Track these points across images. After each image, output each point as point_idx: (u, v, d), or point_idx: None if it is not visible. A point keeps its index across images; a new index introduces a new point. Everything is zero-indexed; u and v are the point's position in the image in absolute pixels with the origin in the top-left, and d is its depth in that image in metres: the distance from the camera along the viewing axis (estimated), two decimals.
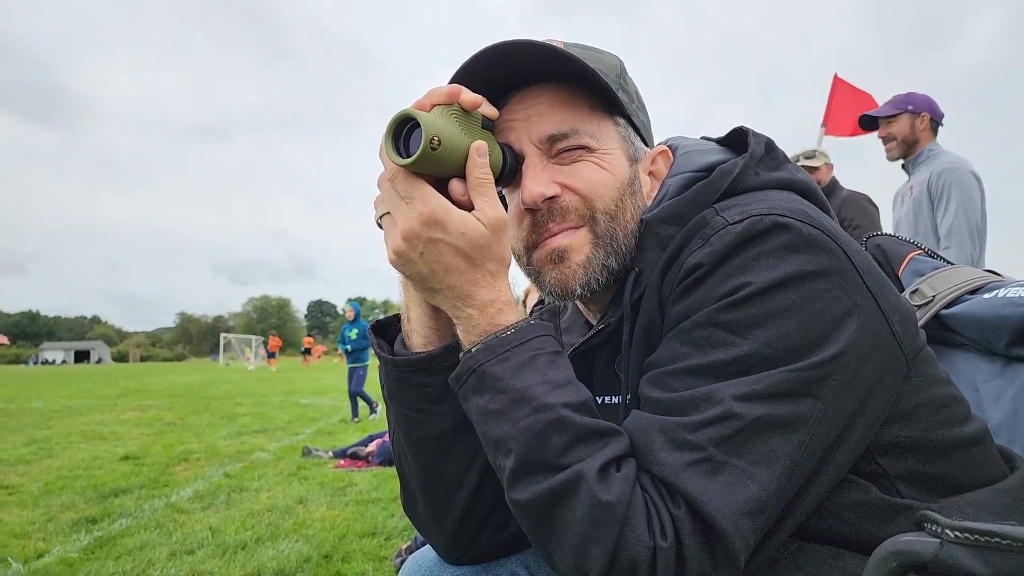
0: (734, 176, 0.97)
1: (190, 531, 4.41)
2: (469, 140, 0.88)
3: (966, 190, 3.76)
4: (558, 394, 0.82)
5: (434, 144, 0.81)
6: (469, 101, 0.88)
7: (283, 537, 4.26)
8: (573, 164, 0.99)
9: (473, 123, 0.90)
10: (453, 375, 0.89)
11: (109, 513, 4.89)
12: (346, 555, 3.89)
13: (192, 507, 5.07)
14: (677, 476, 0.76)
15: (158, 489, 5.72)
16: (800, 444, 0.78)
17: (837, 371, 0.80)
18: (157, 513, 4.88)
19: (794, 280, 0.81)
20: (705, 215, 0.92)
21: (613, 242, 0.98)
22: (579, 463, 0.77)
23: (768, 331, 0.79)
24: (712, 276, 0.84)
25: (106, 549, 4.05)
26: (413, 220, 0.83)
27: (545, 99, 1.00)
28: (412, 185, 0.84)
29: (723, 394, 0.78)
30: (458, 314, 0.88)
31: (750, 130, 1.06)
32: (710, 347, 0.81)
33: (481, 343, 0.86)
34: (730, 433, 0.77)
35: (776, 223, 0.84)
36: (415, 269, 0.86)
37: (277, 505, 5.08)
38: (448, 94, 0.87)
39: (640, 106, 1.09)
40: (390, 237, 0.86)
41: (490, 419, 0.83)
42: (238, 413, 11.92)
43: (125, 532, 4.40)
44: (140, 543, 4.15)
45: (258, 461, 7.00)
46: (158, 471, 6.50)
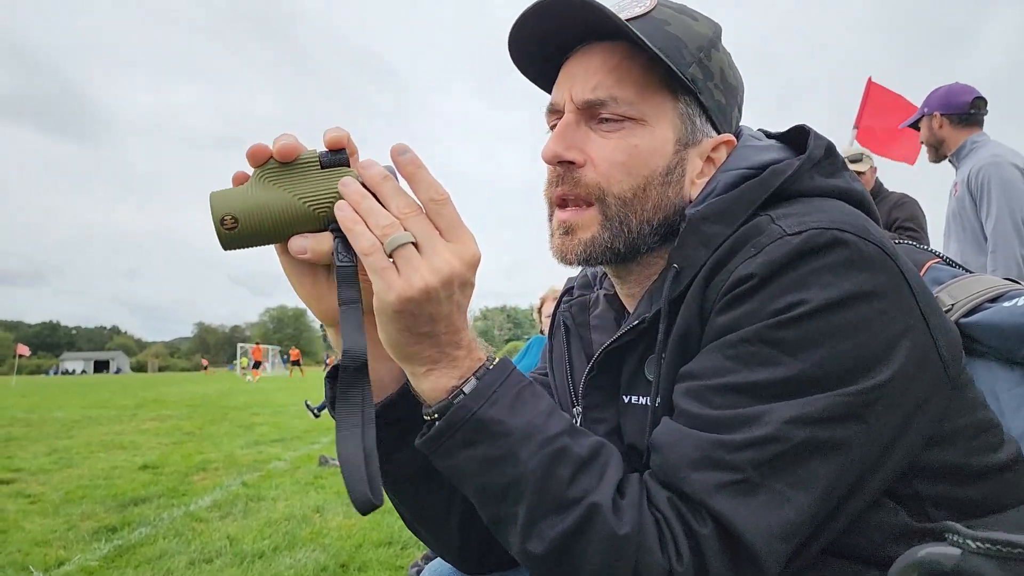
0: (786, 177, 0.92)
1: (208, 540, 4.43)
2: (292, 196, 0.77)
3: (1007, 184, 3.52)
4: (553, 423, 0.80)
5: (227, 224, 0.75)
6: (277, 152, 0.78)
7: (300, 546, 4.27)
8: (608, 135, 0.94)
9: (305, 172, 0.78)
10: (431, 435, 0.81)
11: (129, 522, 4.93)
12: (363, 564, 3.90)
13: (210, 516, 5.09)
14: (709, 496, 0.74)
15: (177, 498, 5.76)
16: (841, 467, 0.76)
17: (885, 395, 0.77)
18: (176, 522, 4.91)
19: (851, 300, 0.78)
20: (760, 222, 0.87)
21: (624, 226, 0.95)
22: (589, 495, 0.75)
23: (820, 352, 0.77)
24: (764, 289, 0.80)
25: (126, 558, 4.08)
26: (460, 261, 0.76)
27: (597, 60, 0.95)
28: (458, 219, 0.78)
29: (768, 416, 0.75)
30: (442, 359, 0.80)
31: (812, 130, 1.00)
32: (757, 364, 0.78)
33: (469, 386, 0.80)
34: (771, 456, 0.74)
35: (836, 238, 0.80)
36: (431, 311, 0.76)
37: (294, 514, 5.09)
38: (250, 156, 0.79)
39: (722, 85, 0.99)
40: (419, 269, 0.74)
41: (492, 467, 0.78)
42: (255, 423, 11.98)
43: (144, 541, 4.43)
44: (159, 552, 4.17)
45: (275, 470, 7.03)
46: (177, 480, 6.55)
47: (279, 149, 0.78)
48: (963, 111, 3.77)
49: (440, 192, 0.77)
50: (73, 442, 9.50)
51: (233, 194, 0.77)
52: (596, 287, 1.20)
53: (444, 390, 0.80)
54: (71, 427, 11.63)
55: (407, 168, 0.78)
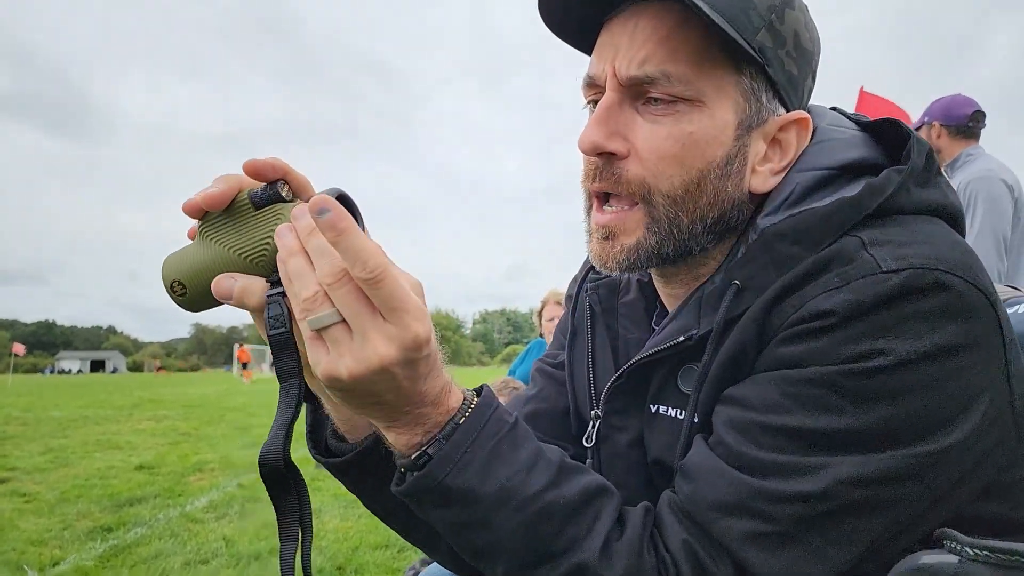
0: (885, 198, 0.78)
1: (204, 541, 4.44)
2: (229, 251, 0.69)
3: (993, 201, 3.55)
4: (534, 479, 0.72)
5: (177, 291, 0.71)
6: (204, 204, 0.68)
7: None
8: (656, 118, 0.80)
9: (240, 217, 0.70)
10: (400, 491, 0.74)
11: (124, 522, 4.93)
12: (359, 567, 3.91)
13: (206, 517, 5.10)
14: (737, 545, 0.69)
15: (173, 499, 5.76)
16: (886, 524, 0.70)
17: (951, 455, 0.70)
18: (172, 522, 4.92)
19: (940, 353, 0.69)
20: (849, 247, 0.74)
21: (673, 227, 0.83)
22: (575, 548, 0.70)
23: (893, 408, 0.68)
24: (843, 330, 0.70)
25: (121, 558, 4.09)
26: (398, 346, 0.63)
27: (646, 26, 0.80)
28: (399, 295, 0.62)
29: (820, 471, 0.68)
30: (401, 419, 0.69)
31: (912, 132, 0.84)
32: (817, 410, 0.70)
33: (433, 449, 0.70)
34: (815, 513, 0.68)
35: (939, 282, 0.69)
36: (368, 389, 0.65)
37: None
38: (187, 211, 0.70)
39: (795, 53, 0.83)
40: (347, 355, 0.63)
41: (464, 531, 0.73)
42: (252, 424, 11.96)
43: (140, 541, 4.44)
44: (155, 552, 4.18)
45: None
46: (173, 481, 6.55)
47: (205, 199, 0.68)
48: (962, 123, 3.79)
49: (371, 267, 0.61)
50: (69, 441, 9.49)
51: (180, 256, 0.72)
52: None
53: (407, 446, 0.71)
54: (67, 426, 11.61)
55: (327, 234, 0.62)
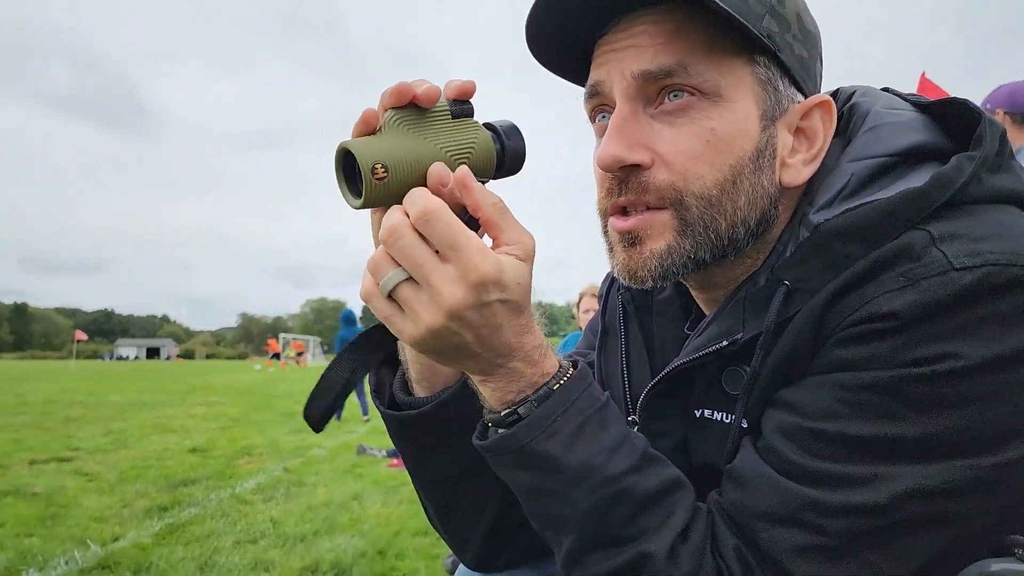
0: (956, 190, 0.70)
1: (253, 521, 4.60)
2: (432, 144, 0.69)
3: None
4: (617, 461, 0.69)
5: (379, 174, 0.65)
6: (420, 99, 0.67)
7: (340, 531, 4.40)
8: (674, 121, 0.75)
9: (438, 119, 0.70)
10: (484, 445, 0.73)
11: (179, 502, 5.14)
12: (400, 552, 3.99)
13: (255, 499, 5.28)
14: (786, 558, 0.65)
15: (223, 480, 5.97)
16: (948, 540, 0.65)
17: (1020, 468, 0.64)
18: (223, 503, 5.10)
19: (1015, 359, 0.62)
20: (915, 242, 0.67)
21: (710, 231, 0.76)
22: (644, 539, 0.68)
23: (959, 417, 0.62)
24: (908, 333, 0.64)
25: (176, 535, 4.26)
26: (463, 286, 0.61)
27: (649, 27, 0.75)
28: (454, 232, 0.61)
29: (880, 482, 0.63)
30: (495, 372, 0.69)
31: (984, 114, 0.75)
32: (877, 417, 0.64)
33: (525, 409, 0.69)
34: (873, 527, 0.63)
35: (1017, 279, 0.63)
36: (453, 342, 0.65)
37: (334, 500, 5.24)
38: (392, 98, 0.67)
39: (801, 35, 0.78)
40: (422, 311, 0.63)
41: (541, 497, 0.71)
42: (297, 410, 12.20)
43: (193, 520, 4.62)
44: (207, 531, 4.35)
45: (315, 457, 7.22)
46: (223, 463, 6.79)
47: (423, 93, 0.66)
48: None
49: (423, 206, 0.62)
50: (128, 424, 9.92)
51: (373, 143, 0.67)
52: None
53: (500, 402, 0.70)
54: (125, 410, 12.12)
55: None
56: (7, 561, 3.71)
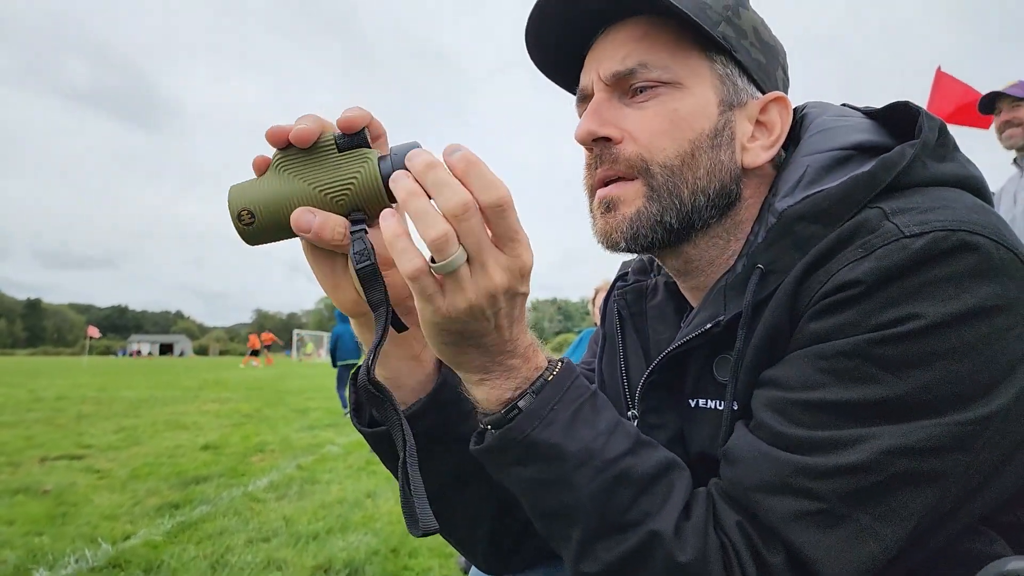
0: (899, 170, 0.79)
1: (265, 519, 4.56)
2: (307, 185, 0.71)
3: None
4: (614, 443, 0.73)
5: (245, 220, 0.71)
6: (293, 138, 0.70)
7: (353, 529, 4.35)
8: (643, 105, 0.87)
9: (320, 156, 0.72)
10: (484, 448, 0.76)
11: (190, 499, 5.10)
12: (413, 550, 3.94)
13: (267, 496, 5.24)
14: (785, 525, 0.68)
15: (235, 478, 5.93)
16: (936, 499, 0.69)
17: (998, 422, 0.68)
18: (235, 501, 5.06)
19: (973, 315, 0.68)
20: (870, 217, 0.75)
21: (674, 197, 0.85)
22: (649, 520, 0.71)
23: (931, 374, 0.67)
24: (871, 298, 0.70)
25: (188, 533, 4.23)
26: (510, 274, 0.67)
27: (622, 35, 0.88)
28: (517, 224, 0.67)
29: (862, 442, 0.68)
30: (495, 369, 0.74)
31: (922, 110, 0.85)
32: (853, 382, 0.69)
33: (524, 402, 0.73)
34: (861, 486, 0.67)
35: (964, 242, 0.69)
36: (478, 327, 0.69)
37: (347, 498, 5.19)
38: (269, 138, 0.71)
39: (757, 43, 0.91)
40: (468, 288, 0.66)
41: (543, 489, 0.74)
42: (310, 407, 12.27)
43: (205, 518, 4.58)
44: (219, 529, 4.31)
45: (329, 454, 7.18)
46: (236, 461, 6.75)
47: (295, 135, 0.69)
48: None
49: (502, 195, 0.65)
50: (140, 421, 9.92)
51: (250, 187, 0.72)
52: (654, 273, 1.10)
53: (498, 402, 0.75)
54: (138, 406, 12.14)
55: (459, 167, 0.65)
56: (17, 560, 3.69)
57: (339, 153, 0.72)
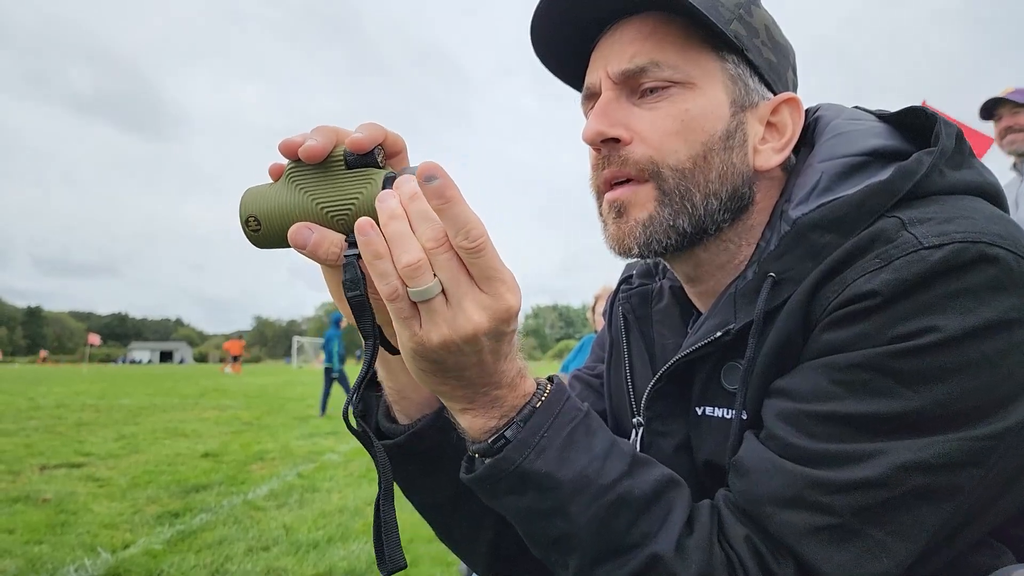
0: (917, 179, 0.77)
1: (265, 528, 4.54)
2: (309, 199, 0.71)
3: None
4: (610, 467, 0.71)
5: (252, 226, 0.72)
6: (307, 154, 0.68)
7: (353, 538, 4.33)
8: (653, 106, 0.84)
9: (331, 172, 0.71)
10: (474, 478, 0.73)
11: (190, 508, 5.09)
12: (414, 559, 3.92)
13: (267, 505, 5.23)
14: (797, 540, 0.67)
15: (236, 486, 5.93)
16: (949, 514, 0.67)
17: (1013, 438, 0.67)
18: (235, 509, 5.05)
19: (992, 329, 0.66)
20: (887, 227, 0.73)
21: (686, 201, 0.83)
22: (649, 542, 0.69)
23: (947, 388, 0.66)
24: (888, 310, 0.68)
25: (187, 542, 4.22)
26: (490, 315, 0.64)
27: (632, 30, 0.85)
28: (496, 264, 0.64)
29: (877, 456, 0.66)
30: (477, 399, 0.70)
31: (939, 115, 0.83)
32: (869, 395, 0.68)
33: (511, 432, 0.70)
34: (876, 502, 0.66)
35: (984, 254, 0.67)
36: (455, 361, 0.66)
37: (347, 506, 5.18)
38: (281, 149, 0.70)
39: (769, 42, 0.88)
40: (442, 325, 0.64)
41: (539, 519, 0.72)
42: (311, 415, 12.24)
43: (205, 527, 4.57)
44: (219, 538, 4.30)
45: (329, 462, 7.16)
46: (236, 469, 6.74)
47: (304, 152, 0.68)
48: None
49: (472, 237, 0.62)
50: (139, 428, 9.90)
51: (262, 193, 0.73)
52: (659, 276, 1.07)
53: (483, 431, 0.71)
54: (138, 414, 12.13)
55: (434, 201, 0.63)
56: (16, 569, 3.68)
57: (347, 170, 0.71)
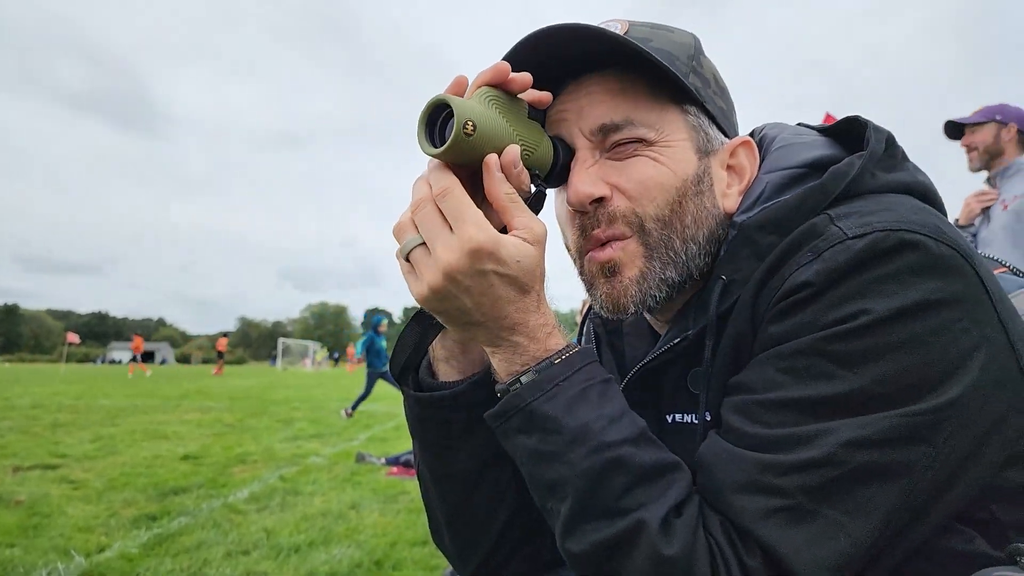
0: (849, 180, 0.84)
1: (246, 532, 4.45)
2: (510, 128, 0.79)
3: None
4: (616, 430, 0.75)
5: (467, 130, 0.73)
6: (514, 82, 0.79)
7: (336, 542, 4.26)
8: (627, 160, 0.88)
9: (517, 110, 0.81)
10: (492, 412, 0.81)
11: (168, 511, 4.98)
12: (397, 562, 3.87)
13: (248, 508, 5.13)
14: (755, 524, 0.69)
15: (216, 489, 5.81)
16: (902, 493, 0.69)
17: (956, 414, 0.70)
18: (214, 513, 4.95)
19: (920, 309, 0.71)
20: (817, 223, 0.80)
21: (669, 251, 0.88)
22: (640, 509, 0.71)
23: (883, 367, 0.70)
24: (822, 298, 0.74)
25: (165, 546, 4.12)
26: (459, 252, 0.72)
27: (599, 87, 0.90)
28: (461, 207, 0.74)
29: (823, 436, 0.70)
30: (501, 344, 0.79)
31: (870, 123, 0.91)
32: (811, 379, 0.72)
33: (527, 377, 0.78)
34: (825, 480, 0.69)
35: (903, 241, 0.73)
36: (454, 305, 0.76)
37: (330, 510, 5.10)
38: (491, 75, 0.78)
39: (719, 91, 0.96)
40: (425, 271, 0.75)
41: (541, 461, 0.76)
42: (295, 417, 12.12)
43: (183, 530, 4.47)
44: (197, 542, 4.20)
45: (313, 465, 7.07)
46: (216, 471, 6.62)
47: (520, 79, 0.80)
48: None
49: (439, 183, 0.75)
50: (117, 430, 9.72)
51: (468, 103, 0.76)
52: None
53: (506, 373, 0.80)
54: (116, 415, 11.93)
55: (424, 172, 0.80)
56: None
57: (528, 118, 0.83)
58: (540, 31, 0.85)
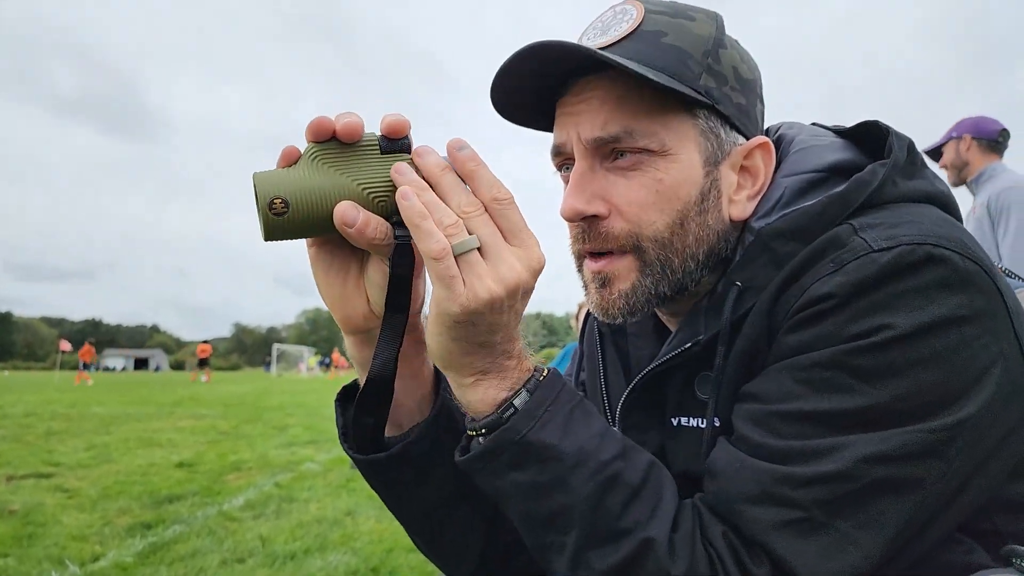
0: (872, 189, 0.82)
1: (241, 539, 4.44)
2: (347, 180, 0.69)
3: None
4: (606, 446, 0.73)
5: (276, 209, 0.66)
6: (341, 131, 0.70)
7: (331, 549, 4.25)
8: (628, 173, 0.85)
9: (360, 155, 0.70)
10: (474, 456, 0.75)
11: (163, 519, 4.97)
12: (393, 569, 3.87)
13: (243, 515, 5.11)
14: (767, 535, 0.69)
15: (211, 497, 5.79)
16: (914, 506, 0.69)
17: (970, 430, 0.70)
18: (209, 520, 4.93)
19: (943, 325, 0.70)
20: (840, 233, 0.78)
21: (666, 269, 0.86)
22: (643, 528, 0.70)
23: (903, 383, 0.69)
24: (844, 311, 0.72)
25: (160, 554, 4.10)
26: (527, 270, 0.70)
27: (599, 92, 0.85)
28: (523, 223, 0.71)
29: (839, 450, 0.69)
30: (492, 369, 0.74)
31: (891, 129, 0.88)
32: (830, 392, 0.71)
33: (520, 400, 0.73)
34: (840, 494, 0.68)
35: (931, 255, 0.72)
36: (494, 320, 0.69)
37: (326, 516, 5.08)
38: (311, 131, 0.70)
39: (737, 86, 0.88)
40: (484, 278, 0.67)
41: (539, 495, 0.73)
42: (289, 424, 12.06)
43: (178, 538, 4.46)
44: (192, 550, 4.19)
45: (308, 472, 7.04)
46: (211, 479, 6.59)
47: (343, 128, 0.69)
48: (992, 138, 4.01)
49: (504, 192, 0.70)
50: (112, 438, 9.67)
51: (281, 176, 0.68)
52: None
53: (493, 403, 0.74)
54: (110, 423, 11.86)
55: (466, 165, 0.70)
56: None
57: (381, 155, 0.71)
58: (526, 49, 0.81)
